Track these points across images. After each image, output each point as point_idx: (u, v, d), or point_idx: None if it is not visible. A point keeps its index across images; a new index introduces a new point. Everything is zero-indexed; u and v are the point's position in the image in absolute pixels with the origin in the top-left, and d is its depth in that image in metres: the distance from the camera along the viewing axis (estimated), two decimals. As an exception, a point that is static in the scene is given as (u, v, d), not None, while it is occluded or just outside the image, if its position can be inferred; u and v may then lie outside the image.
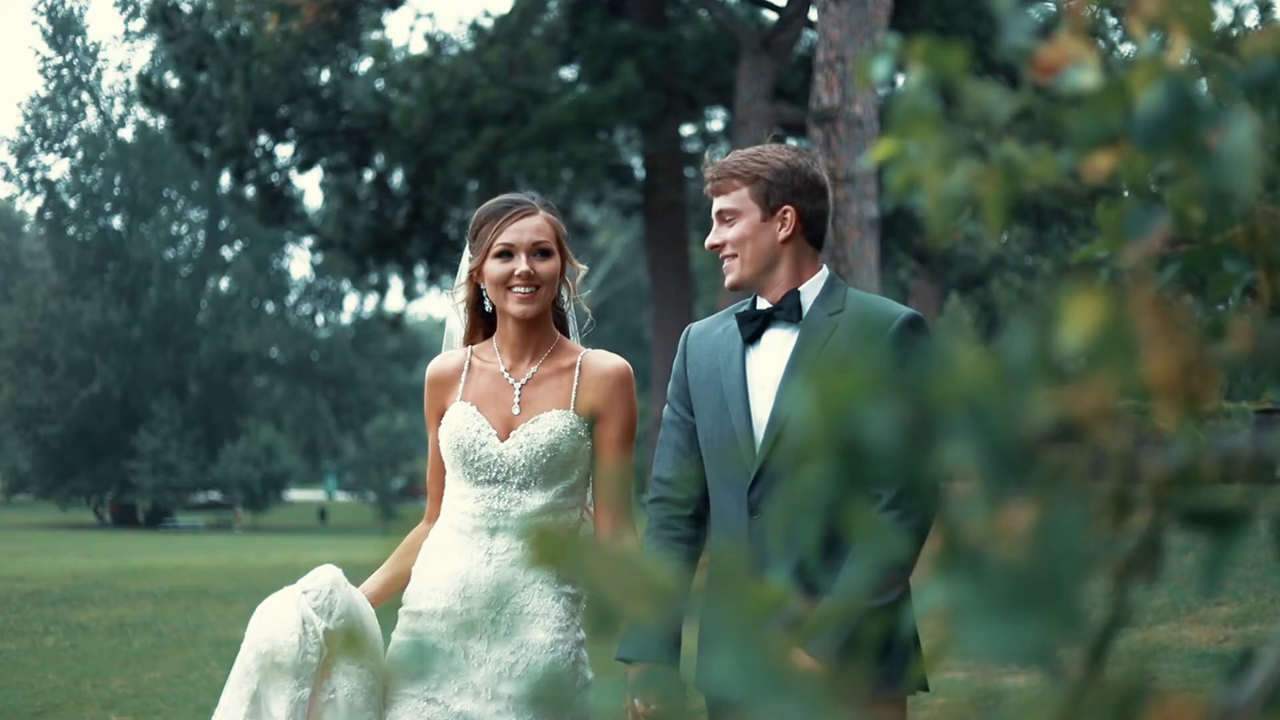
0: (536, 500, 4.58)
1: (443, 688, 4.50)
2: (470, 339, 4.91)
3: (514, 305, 4.62)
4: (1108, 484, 1.14)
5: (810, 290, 4.40)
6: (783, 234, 4.38)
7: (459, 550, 4.59)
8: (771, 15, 27.16)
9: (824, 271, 4.48)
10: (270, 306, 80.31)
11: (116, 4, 47.65)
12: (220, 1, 26.92)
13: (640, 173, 30.81)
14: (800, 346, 4.31)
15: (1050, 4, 25.50)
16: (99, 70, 77.56)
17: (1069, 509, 1.08)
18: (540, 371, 4.70)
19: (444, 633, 4.54)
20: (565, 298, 4.85)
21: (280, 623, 4.44)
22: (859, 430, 1.16)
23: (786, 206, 4.38)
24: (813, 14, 24.55)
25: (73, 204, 76.42)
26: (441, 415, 4.77)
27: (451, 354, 4.89)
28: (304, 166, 29.06)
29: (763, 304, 4.45)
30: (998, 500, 1.11)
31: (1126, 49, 25.51)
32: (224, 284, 79.36)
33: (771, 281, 4.42)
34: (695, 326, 4.70)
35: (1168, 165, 1.41)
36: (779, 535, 1.19)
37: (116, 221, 77.00)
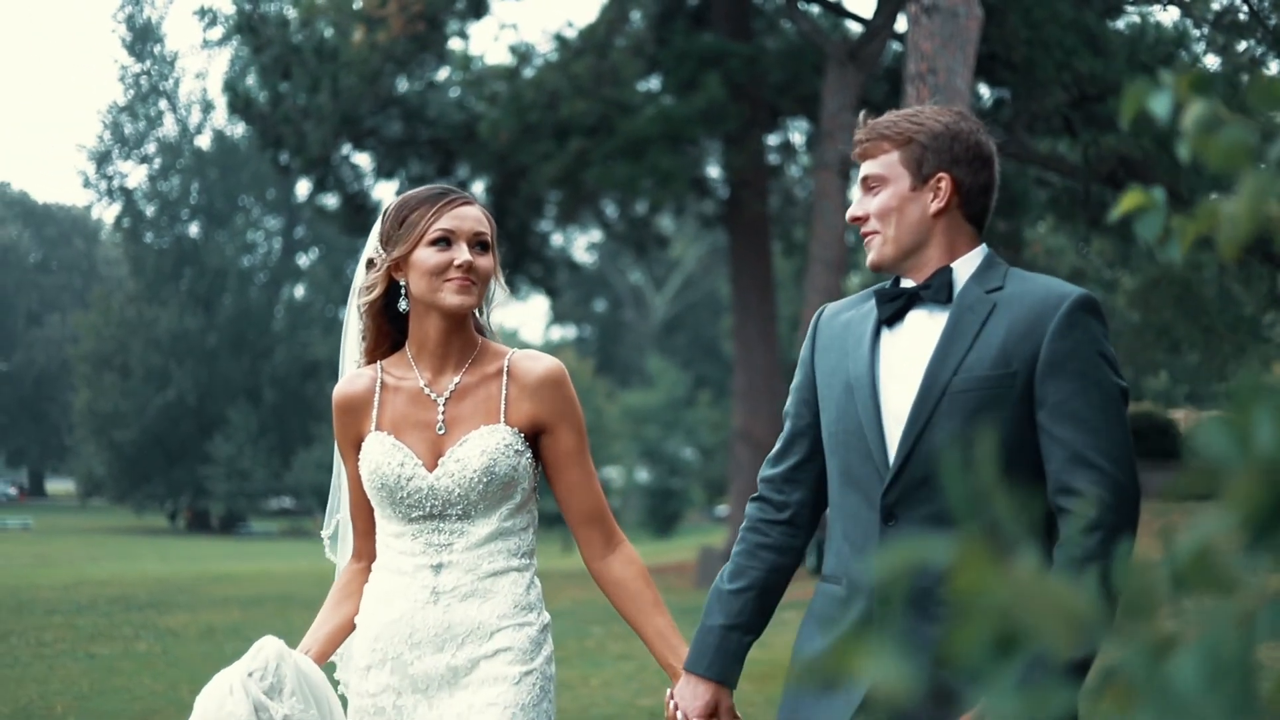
0: (482, 529, 4.07)
1: None
2: (374, 352, 4.31)
3: (451, 296, 4.05)
4: None
5: (964, 267, 3.77)
6: (935, 206, 3.75)
7: (401, 593, 4.07)
8: (856, 27, 27.07)
9: (981, 249, 3.83)
10: (345, 314, 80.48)
11: (195, 13, 47.77)
12: (305, 11, 27.06)
13: (721, 184, 30.80)
14: (951, 328, 3.66)
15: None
16: (177, 79, 78.00)
17: None
18: (465, 382, 4.16)
19: (398, 690, 4.05)
20: (488, 309, 4.31)
21: (231, 715, 3.90)
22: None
23: (941, 175, 3.75)
24: (900, 25, 24.49)
25: (150, 211, 76.84)
26: (358, 446, 4.21)
27: (359, 374, 4.28)
28: (387, 176, 29.20)
29: (907, 284, 3.83)
30: None
31: None
32: (299, 291, 79.69)
33: (920, 262, 3.79)
34: (829, 307, 4.09)
35: None
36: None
37: (193, 229, 77.39)
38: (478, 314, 4.25)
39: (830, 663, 1.06)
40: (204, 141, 78.04)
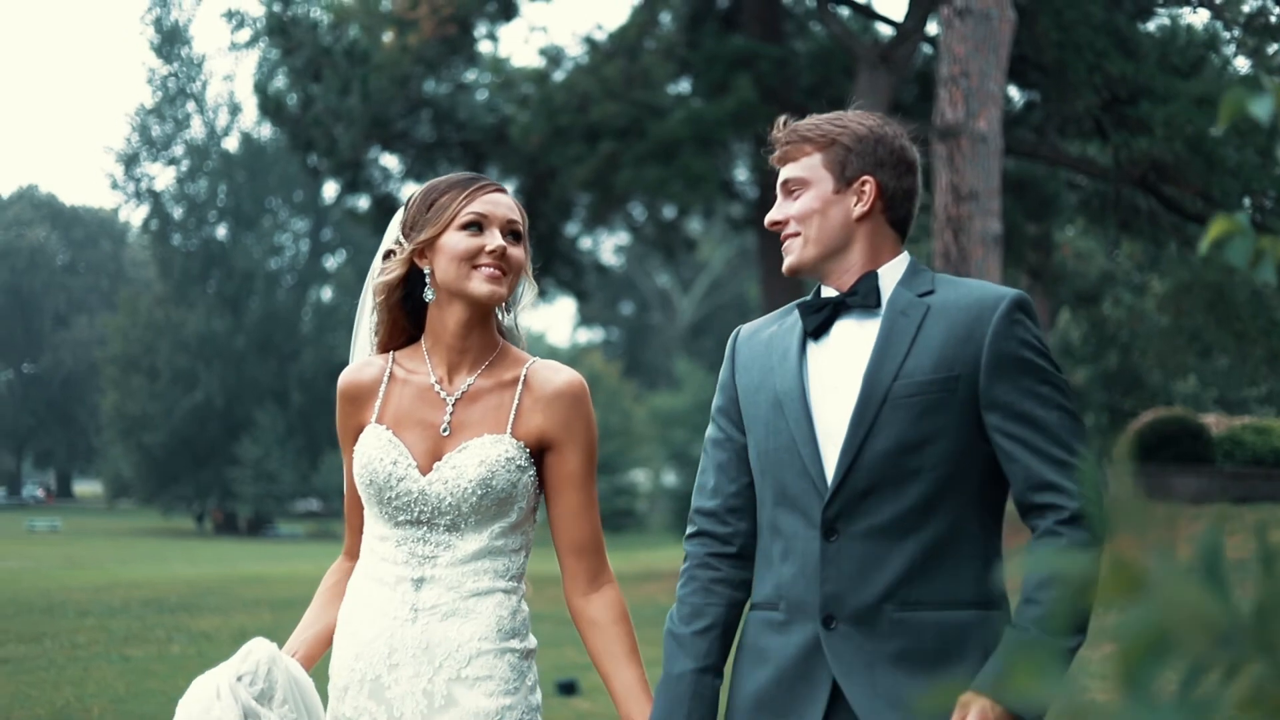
0: (470, 544, 3.79)
1: None
2: (388, 343, 4.03)
3: (481, 284, 3.79)
4: None
5: (890, 273, 3.62)
6: (859, 210, 3.60)
7: (380, 607, 3.80)
8: (887, 29, 27.04)
9: (904, 255, 3.69)
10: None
11: (223, 15, 47.92)
12: (336, 13, 27.12)
13: (749, 186, 30.79)
14: (886, 334, 3.52)
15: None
16: (204, 81, 78.21)
17: None
18: (478, 385, 3.89)
19: (374, 716, 3.77)
20: (514, 307, 4.05)
21: None
22: None
23: (865, 178, 3.59)
24: (931, 28, 24.46)
25: (177, 213, 77.07)
26: (357, 436, 3.95)
27: (369, 362, 4.03)
28: (416, 178, 29.25)
29: (829, 293, 3.66)
30: None
31: None
32: (326, 294, 79.84)
33: (841, 267, 3.63)
34: (745, 327, 3.89)
35: None
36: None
37: (220, 231, 77.63)
38: (501, 315, 4.02)
39: (1000, 688, 1.04)
40: (231, 144, 78.30)
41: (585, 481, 3.89)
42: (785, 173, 3.67)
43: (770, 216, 3.69)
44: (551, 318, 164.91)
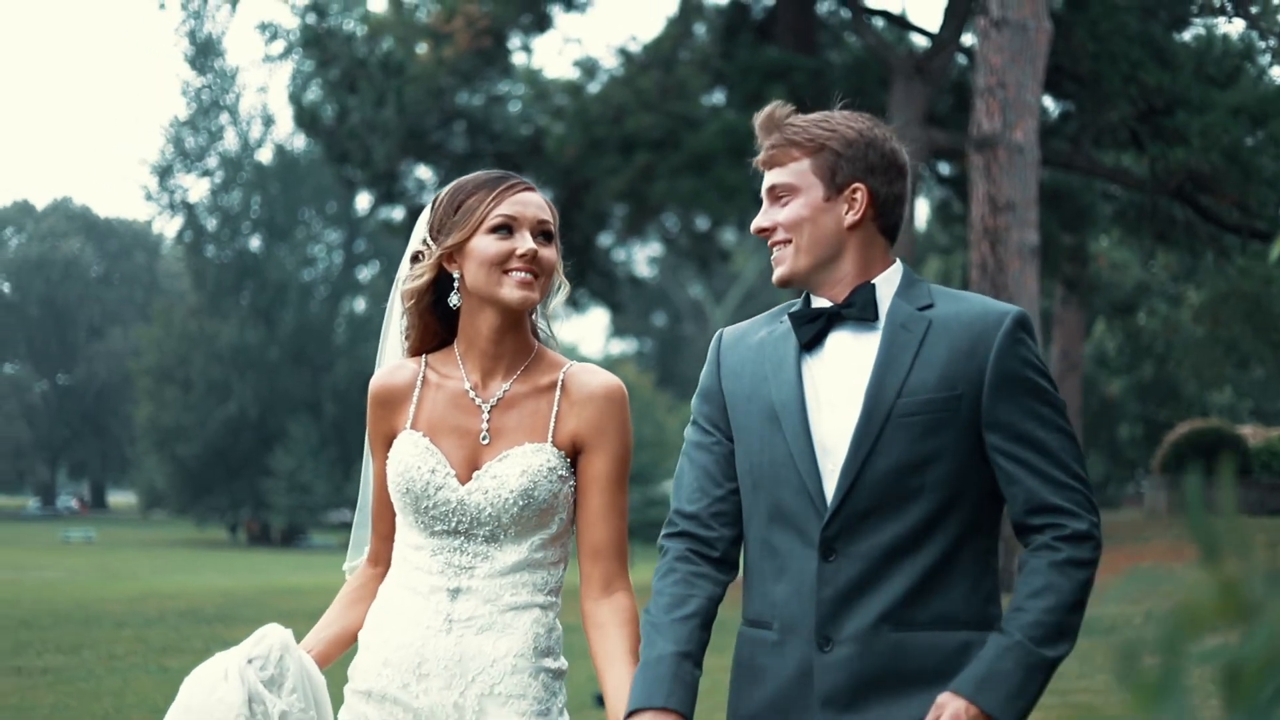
0: (509, 556, 3.66)
1: None
2: (419, 347, 3.87)
3: (512, 291, 3.63)
4: None
5: (885, 284, 3.49)
6: (850, 218, 3.44)
7: (413, 616, 3.66)
8: (922, 40, 27.01)
9: (898, 265, 3.55)
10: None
11: (257, 27, 48.05)
12: (372, 26, 27.20)
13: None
14: (887, 349, 3.39)
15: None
16: (238, 93, 78.40)
17: None
18: (514, 390, 3.74)
19: None
20: (546, 308, 3.85)
21: (222, 702, 3.52)
22: None
23: (857, 185, 3.44)
24: (967, 39, 24.42)
25: (211, 225, 77.23)
26: (389, 443, 3.80)
27: (401, 365, 3.87)
28: (451, 189, 29.34)
29: (820, 303, 3.52)
30: None
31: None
32: (359, 305, 79.96)
33: (833, 277, 3.48)
34: (729, 331, 3.74)
35: None
36: None
37: (254, 242, 77.77)
38: (539, 315, 3.84)
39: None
40: (265, 155, 78.45)
41: (611, 485, 3.72)
42: (771, 178, 3.51)
43: (756, 223, 3.52)
44: (584, 329, 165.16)
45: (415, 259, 3.79)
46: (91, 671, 15.93)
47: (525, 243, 3.62)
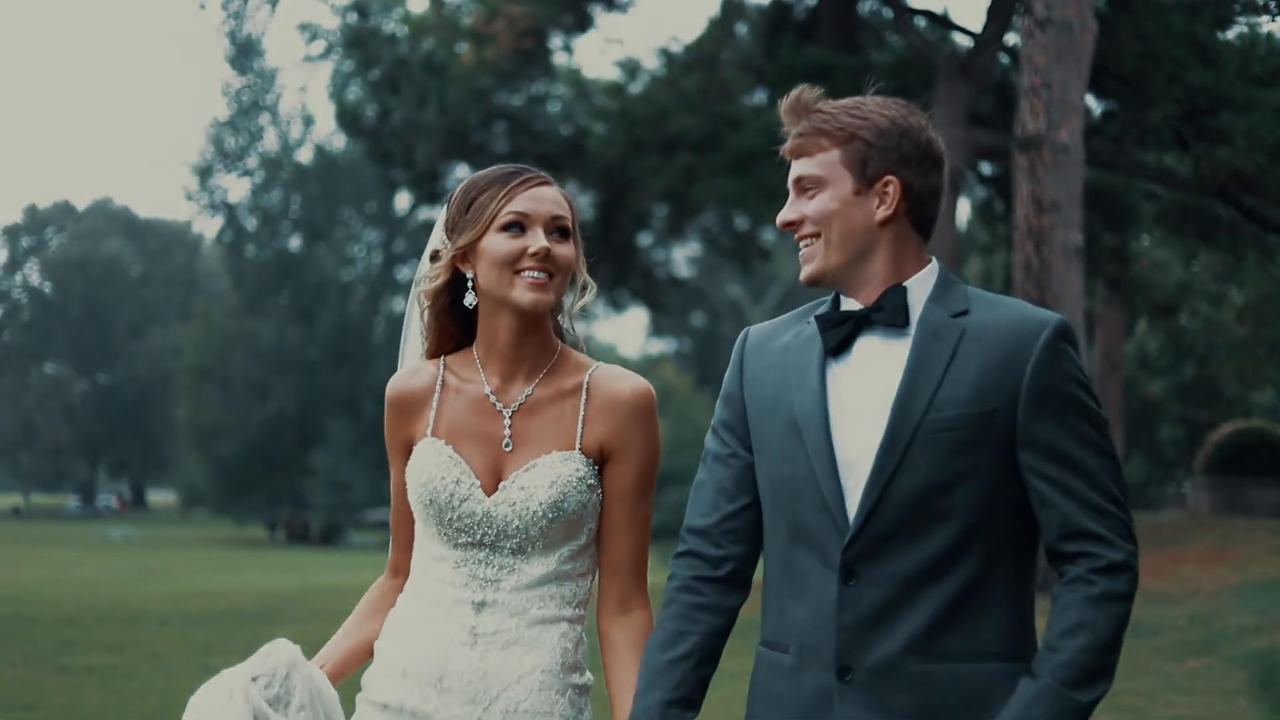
0: (537, 568, 3.52)
1: None
2: (437, 349, 3.72)
3: (523, 293, 3.48)
4: None
5: (919, 287, 3.28)
6: (882, 213, 3.25)
7: (435, 628, 3.53)
8: (965, 40, 26.94)
9: (933, 265, 3.34)
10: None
11: (298, 27, 48.11)
12: (413, 27, 27.25)
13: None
14: (917, 359, 3.19)
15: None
16: (278, 93, 78.58)
17: None
18: (537, 394, 3.58)
19: None
20: (568, 306, 3.69)
21: None
22: None
23: (889, 177, 3.24)
24: (1011, 39, 24.34)
25: (251, 225, 77.41)
26: (408, 450, 3.66)
27: (419, 369, 3.72)
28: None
29: (850, 304, 3.32)
30: None
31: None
32: (399, 305, 79.93)
33: (863, 277, 3.28)
34: (755, 331, 3.54)
35: None
36: None
37: (293, 242, 77.91)
38: (563, 315, 3.69)
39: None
40: (305, 155, 78.56)
41: (635, 498, 3.59)
42: (798, 168, 3.31)
43: (783, 216, 3.33)
44: (623, 328, 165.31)
45: (434, 258, 3.67)
46: (136, 670, 16.00)
47: (538, 240, 3.49)
